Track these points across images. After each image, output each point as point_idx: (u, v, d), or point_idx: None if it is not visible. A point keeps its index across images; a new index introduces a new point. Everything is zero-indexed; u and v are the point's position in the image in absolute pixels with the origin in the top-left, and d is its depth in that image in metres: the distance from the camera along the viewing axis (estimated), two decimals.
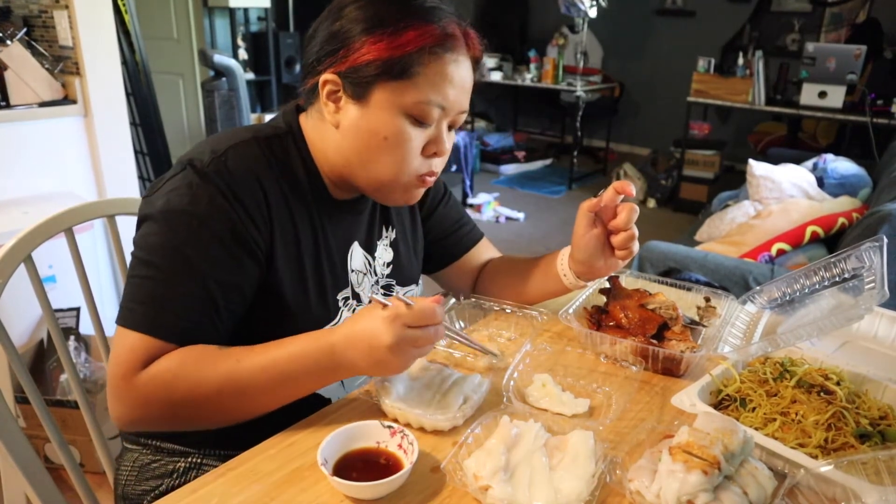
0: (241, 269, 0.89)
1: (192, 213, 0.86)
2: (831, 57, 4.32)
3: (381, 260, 1.12)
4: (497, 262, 1.28)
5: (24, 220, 2.19)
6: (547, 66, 5.86)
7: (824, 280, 1.11)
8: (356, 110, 0.91)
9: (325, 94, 0.92)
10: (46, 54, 2.58)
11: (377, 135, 0.91)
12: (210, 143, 0.94)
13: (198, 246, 0.86)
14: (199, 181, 0.87)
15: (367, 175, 0.95)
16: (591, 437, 0.81)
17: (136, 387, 0.83)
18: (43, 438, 2.01)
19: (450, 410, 0.89)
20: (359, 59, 0.88)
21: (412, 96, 0.89)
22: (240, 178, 0.89)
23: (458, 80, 0.92)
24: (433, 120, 0.92)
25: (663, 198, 5.39)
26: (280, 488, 0.77)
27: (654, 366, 1.05)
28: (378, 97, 0.89)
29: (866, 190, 3.24)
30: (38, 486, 1.02)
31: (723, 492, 0.71)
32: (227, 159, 0.89)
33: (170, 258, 0.85)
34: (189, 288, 0.86)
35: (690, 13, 6.48)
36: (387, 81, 0.88)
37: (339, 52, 0.89)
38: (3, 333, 1.00)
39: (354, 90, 0.90)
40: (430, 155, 0.95)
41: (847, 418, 0.85)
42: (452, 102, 0.92)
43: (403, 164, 0.93)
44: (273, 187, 0.92)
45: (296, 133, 0.99)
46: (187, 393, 0.83)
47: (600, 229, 1.05)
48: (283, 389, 0.86)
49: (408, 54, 0.87)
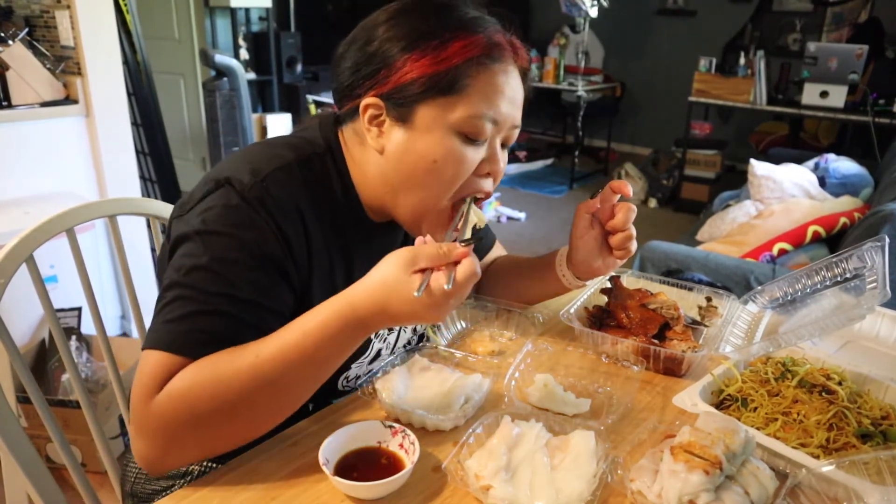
0: (278, 297, 0.84)
1: (233, 234, 0.81)
2: (833, 56, 4.32)
3: None
4: (501, 261, 1.28)
5: (26, 219, 2.19)
6: (548, 66, 5.86)
7: (826, 280, 1.11)
8: (402, 133, 0.87)
9: (366, 119, 0.88)
10: (48, 54, 2.58)
11: (426, 158, 0.86)
12: (248, 160, 0.87)
13: (235, 269, 0.80)
14: (241, 203, 0.82)
15: (411, 201, 0.90)
16: (592, 437, 0.81)
17: (155, 410, 0.76)
18: (45, 438, 2.01)
19: (451, 410, 0.89)
20: (402, 78, 0.84)
21: (462, 111, 0.84)
22: (283, 208, 0.84)
23: (509, 91, 0.87)
24: (486, 136, 0.87)
25: (664, 198, 5.38)
26: (281, 488, 0.77)
27: (656, 366, 1.05)
28: (425, 117, 0.85)
29: (868, 190, 3.23)
30: (40, 485, 1.02)
31: (724, 492, 0.71)
32: (268, 185, 0.84)
33: (205, 279, 0.79)
34: (222, 308, 0.79)
35: (692, 13, 6.48)
36: (433, 98, 0.84)
37: (379, 73, 0.85)
38: (5, 333, 1.00)
39: (399, 112, 0.86)
40: (484, 175, 0.91)
41: (849, 418, 0.85)
42: (505, 116, 0.88)
43: (452, 186, 0.88)
44: (311, 218, 0.88)
45: (335, 151, 0.94)
46: (210, 402, 0.75)
47: (598, 230, 1.05)
48: (313, 368, 0.79)
49: (454, 67, 0.83)
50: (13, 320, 2.19)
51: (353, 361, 0.96)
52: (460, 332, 1.16)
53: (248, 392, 0.76)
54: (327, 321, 0.77)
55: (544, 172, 6.36)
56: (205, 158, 4.91)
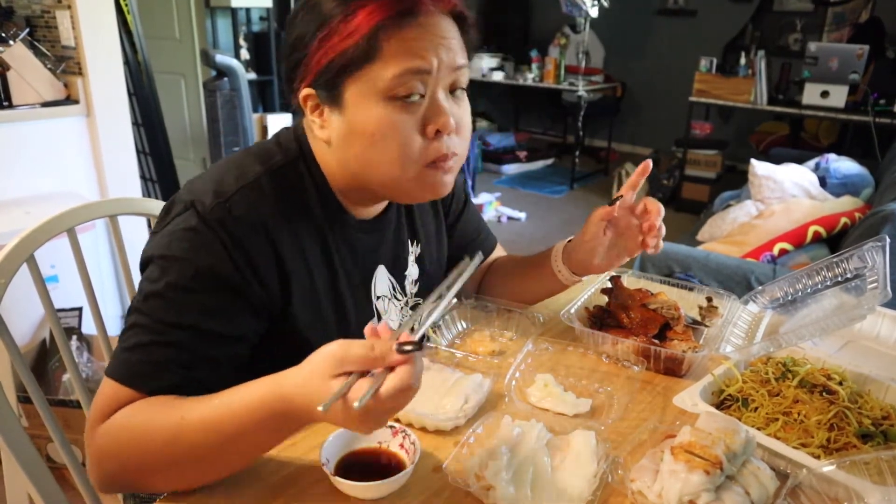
0: (235, 322, 0.82)
1: (189, 259, 0.80)
2: (834, 56, 4.32)
3: (409, 279, 1.07)
4: (500, 262, 1.28)
5: (27, 219, 2.19)
6: (549, 66, 5.86)
7: (826, 280, 1.11)
8: (338, 117, 0.85)
9: (308, 111, 0.87)
10: (49, 54, 2.58)
11: (364, 134, 0.83)
12: (214, 181, 0.86)
13: (189, 297, 0.79)
14: (202, 227, 0.81)
15: (376, 180, 0.87)
16: (592, 437, 0.81)
17: (94, 440, 0.77)
18: (45, 438, 2.01)
19: (451, 410, 0.89)
20: (320, 61, 0.82)
21: (383, 76, 0.80)
22: (245, 228, 0.82)
23: (430, 38, 0.81)
24: (417, 91, 0.82)
25: (665, 197, 5.37)
26: (282, 488, 0.77)
27: (656, 366, 1.05)
28: (351, 94, 0.82)
29: (869, 190, 3.23)
30: (41, 485, 1.02)
31: (725, 492, 0.71)
32: (231, 206, 0.82)
33: (160, 307, 0.79)
34: (174, 338, 0.78)
35: (692, 13, 6.47)
36: (354, 73, 0.81)
37: (301, 62, 0.84)
38: (6, 333, 1.00)
39: (329, 96, 0.84)
40: (433, 135, 0.84)
41: (849, 418, 0.85)
42: (431, 63, 0.81)
43: (402, 154, 0.83)
44: (283, 233, 0.86)
45: (307, 154, 0.92)
46: (137, 449, 0.75)
47: (610, 234, 1.06)
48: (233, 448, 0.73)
49: (364, 36, 0.79)
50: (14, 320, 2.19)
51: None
52: (461, 332, 1.16)
53: (170, 451, 0.74)
54: (253, 407, 0.71)
55: (545, 172, 6.36)
56: (205, 158, 4.91)
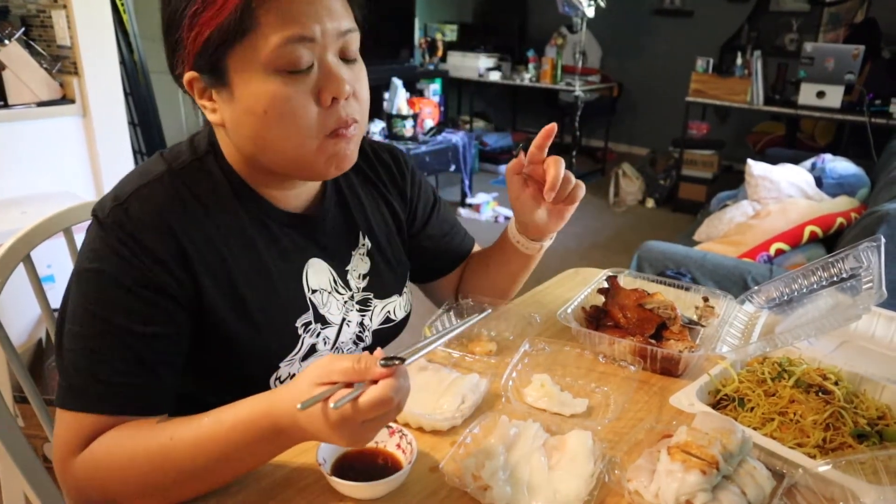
0: (162, 318, 0.80)
1: (97, 269, 0.78)
2: (829, 57, 4.33)
3: (355, 272, 1.02)
4: (472, 259, 1.25)
5: (23, 219, 2.19)
6: (545, 66, 5.86)
7: (822, 280, 1.12)
8: (225, 98, 0.80)
9: (197, 96, 0.83)
10: (44, 54, 2.58)
11: (255, 112, 0.79)
12: (117, 187, 0.85)
13: (109, 303, 0.78)
14: (102, 233, 0.79)
15: (276, 159, 0.83)
16: (589, 437, 0.82)
17: (72, 473, 0.76)
18: (42, 438, 2.01)
19: (448, 410, 0.89)
20: (196, 41, 0.77)
21: (265, 48, 0.76)
22: (143, 224, 0.79)
23: (308, 3, 0.77)
24: (304, 60, 0.78)
25: (662, 198, 5.39)
26: (278, 488, 0.77)
27: (653, 366, 1.05)
28: (235, 72, 0.78)
29: (864, 190, 3.24)
30: (37, 485, 1.02)
31: (721, 491, 0.72)
32: (128, 207, 0.80)
33: (87, 323, 0.78)
34: (112, 350, 0.77)
35: (689, 13, 6.48)
36: (232, 48, 0.76)
37: (178, 44, 0.79)
38: (2, 333, 1.00)
39: (212, 78, 0.80)
40: (331, 103, 0.80)
41: (845, 418, 0.85)
42: (314, 30, 0.77)
43: (299, 127, 0.80)
44: (188, 224, 0.83)
45: (216, 148, 0.89)
46: (121, 476, 0.75)
47: (532, 187, 1.04)
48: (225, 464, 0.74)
49: (236, 8, 0.74)
50: (10, 320, 2.19)
51: (282, 360, 0.90)
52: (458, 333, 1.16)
53: (160, 472, 0.74)
54: (243, 422, 0.71)
55: None
56: None
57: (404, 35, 5.93)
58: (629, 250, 2.67)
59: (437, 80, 5.80)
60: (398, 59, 5.66)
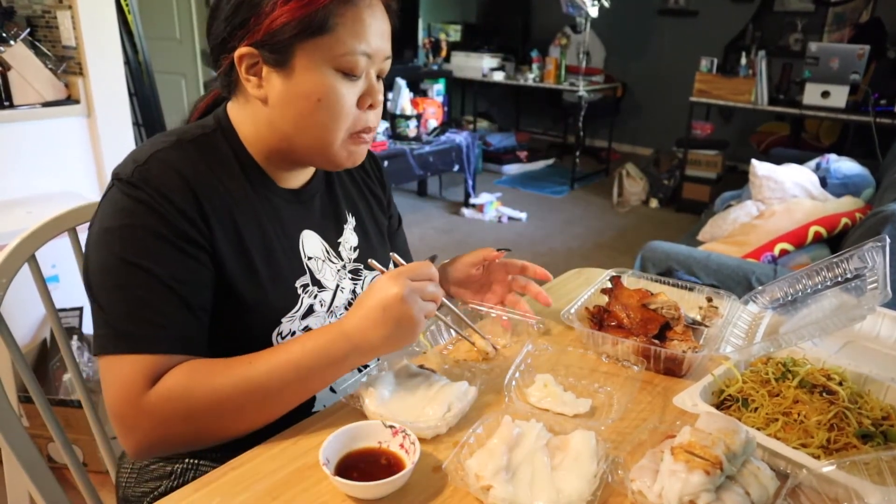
0: (193, 263, 0.87)
1: (130, 224, 0.84)
2: (834, 57, 4.32)
3: (347, 244, 1.10)
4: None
5: (28, 219, 2.20)
6: (549, 66, 5.86)
7: (827, 280, 1.11)
8: (281, 79, 0.88)
9: (244, 70, 0.89)
10: (49, 54, 2.59)
11: (310, 98, 0.88)
12: (133, 154, 0.91)
13: (143, 251, 0.83)
14: (128, 190, 0.85)
15: (307, 143, 0.92)
16: (592, 437, 0.81)
17: (149, 408, 0.81)
18: (46, 438, 2.02)
19: (432, 419, 0.88)
20: (273, 24, 0.84)
21: (337, 50, 0.86)
22: (165, 180, 0.86)
23: (377, 25, 0.90)
24: (362, 70, 0.90)
25: (665, 198, 5.38)
26: (282, 488, 0.77)
27: (656, 366, 1.05)
28: (302, 59, 0.87)
29: (869, 190, 3.23)
30: (42, 485, 1.02)
31: (725, 492, 0.71)
32: (150, 166, 0.87)
33: (122, 273, 0.83)
34: (153, 292, 0.83)
35: (693, 13, 6.47)
36: (307, 40, 0.85)
37: (249, 21, 0.86)
38: (7, 333, 1.00)
39: (275, 58, 0.87)
40: (367, 108, 0.93)
41: (849, 418, 0.85)
42: (375, 49, 0.90)
43: (341, 121, 0.91)
44: (203, 185, 0.89)
45: (225, 127, 0.96)
46: (205, 402, 0.82)
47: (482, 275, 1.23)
48: (300, 385, 0.86)
49: (322, 7, 0.84)
50: (15, 320, 2.20)
51: (284, 316, 0.97)
52: (452, 338, 1.15)
53: (238, 397, 0.83)
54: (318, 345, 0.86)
55: (545, 172, 6.36)
56: None
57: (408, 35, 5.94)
58: (633, 250, 2.67)
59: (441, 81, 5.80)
60: (402, 59, 5.67)
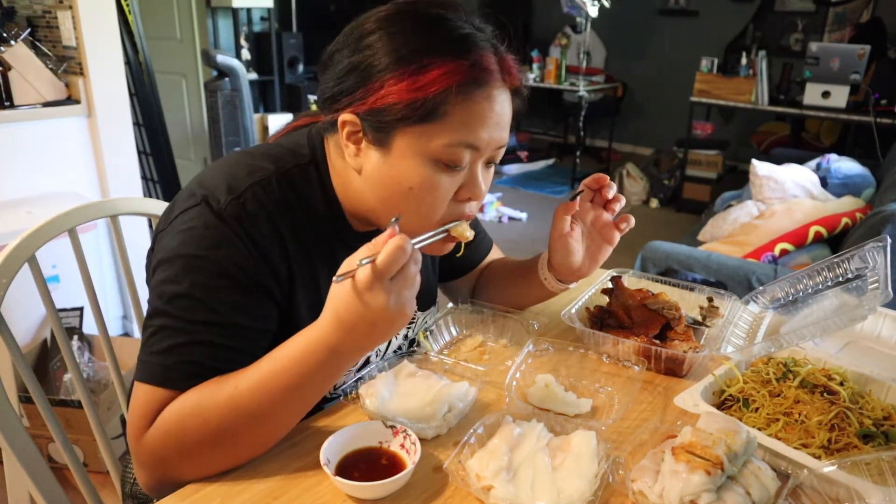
0: (261, 315, 0.84)
1: (209, 257, 0.80)
2: (835, 57, 4.31)
3: None
4: (493, 266, 1.27)
5: (28, 219, 2.20)
6: (550, 66, 5.86)
7: (828, 280, 1.11)
8: (378, 156, 0.83)
9: (344, 136, 0.85)
10: (50, 54, 2.59)
11: (402, 184, 0.83)
12: (227, 176, 0.86)
13: (217, 293, 0.80)
14: (218, 222, 0.81)
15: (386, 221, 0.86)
16: (593, 437, 0.81)
17: (148, 444, 0.79)
18: (47, 438, 2.02)
19: (434, 419, 0.87)
20: (378, 101, 0.79)
21: (439, 140, 0.80)
22: (259, 224, 0.83)
23: (493, 116, 0.82)
24: (465, 163, 0.83)
25: (666, 198, 5.38)
26: (283, 488, 0.77)
27: (657, 366, 1.05)
28: (401, 143, 0.81)
29: (870, 190, 3.23)
30: (42, 485, 1.02)
31: (726, 492, 0.71)
32: (245, 201, 0.83)
33: (187, 307, 0.80)
34: (206, 337, 0.80)
35: (694, 13, 6.47)
36: (411, 126, 0.80)
37: (357, 90, 0.81)
38: (7, 333, 1.00)
39: (375, 135, 0.82)
40: (464, 200, 0.88)
41: (850, 419, 0.85)
42: (486, 141, 0.83)
43: (432, 213, 0.86)
44: (290, 230, 0.87)
45: (320, 162, 0.92)
46: (197, 436, 0.77)
47: (576, 231, 1.05)
48: (291, 402, 0.79)
49: (433, 94, 0.77)
50: (15, 320, 2.20)
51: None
52: (453, 338, 1.16)
53: (228, 424, 0.77)
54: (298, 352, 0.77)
55: (546, 173, 6.36)
56: (206, 158, 4.91)
57: None
58: (633, 250, 2.66)
59: None
60: None
